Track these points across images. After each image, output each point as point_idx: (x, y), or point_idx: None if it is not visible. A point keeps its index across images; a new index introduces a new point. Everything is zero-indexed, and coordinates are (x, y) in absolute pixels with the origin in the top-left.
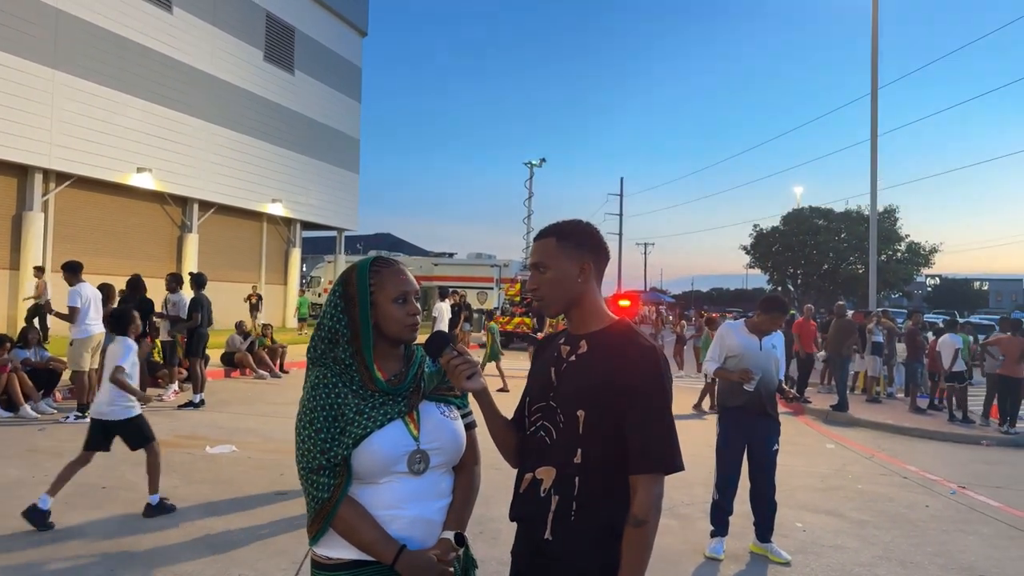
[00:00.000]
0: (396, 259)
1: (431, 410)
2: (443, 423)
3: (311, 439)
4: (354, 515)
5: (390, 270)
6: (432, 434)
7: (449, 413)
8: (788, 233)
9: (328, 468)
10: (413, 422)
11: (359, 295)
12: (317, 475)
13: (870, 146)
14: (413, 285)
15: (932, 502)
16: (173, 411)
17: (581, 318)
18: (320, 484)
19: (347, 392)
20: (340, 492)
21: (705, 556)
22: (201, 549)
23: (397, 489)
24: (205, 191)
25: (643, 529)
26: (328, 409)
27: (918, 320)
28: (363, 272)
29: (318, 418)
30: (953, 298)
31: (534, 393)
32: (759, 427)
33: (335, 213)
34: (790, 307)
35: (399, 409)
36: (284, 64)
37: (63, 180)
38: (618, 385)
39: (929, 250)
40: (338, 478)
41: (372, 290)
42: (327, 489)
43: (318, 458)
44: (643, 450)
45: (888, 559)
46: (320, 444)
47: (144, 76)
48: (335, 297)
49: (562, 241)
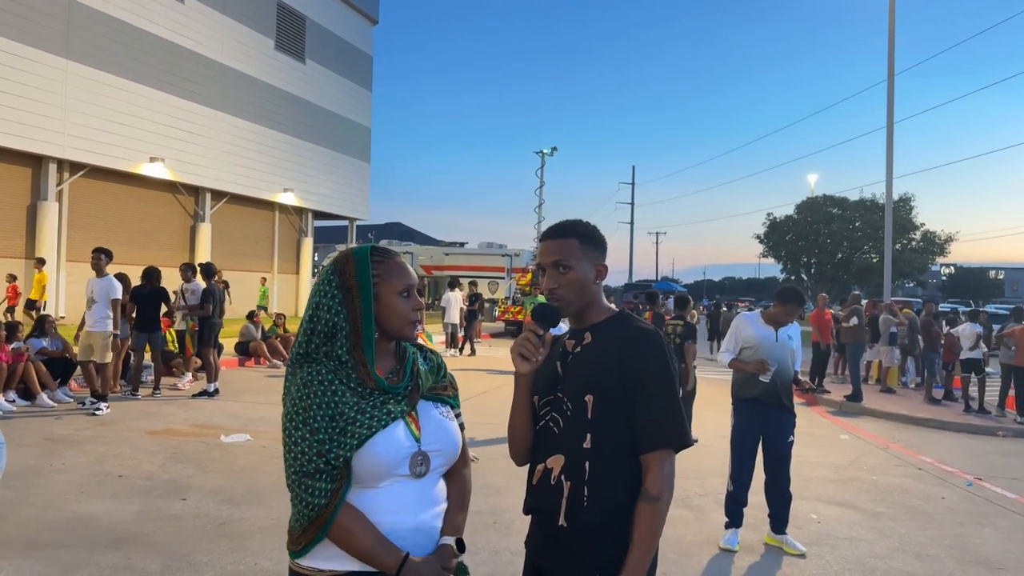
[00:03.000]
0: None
1: (429, 410)
2: (443, 424)
3: (306, 440)
4: (354, 522)
5: (394, 261)
6: (433, 435)
7: (446, 413)
8: (802, 222)
9: (326, 472)
10: (414, 422)
11: (360, 287)
12: (313, 480)
13: (886, 133)
14: (416, 278)
15: (948, 494)
16: (188, 400)
17: (587, 315)
18: (316, 490)
19: (345, 390)
20: (339, 497)
21: (719, 547)
22: (216, 538)
23: (397, 493)
24: (217, 180)
25: (656, 505)
26: (326, 408)
27: (932, 310)
28: (364, 262)
29: (314, 417)
30: (968, 287)
31: (541, 389)
32: (774, 418)
33: (346, 202)
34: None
35: (401, 409)
36: (295, 53)
37: (77, 170)
38: (625, 368)
39: (945, 239)
40: (336, 482)
41: (376, 282)
42: (324, 495)
43: (315, 461)
44: (653, 428)
45: (903, 551)
46: (317, 446)
47: (156, 66)
48: (331, 287)
49: (584, 243)
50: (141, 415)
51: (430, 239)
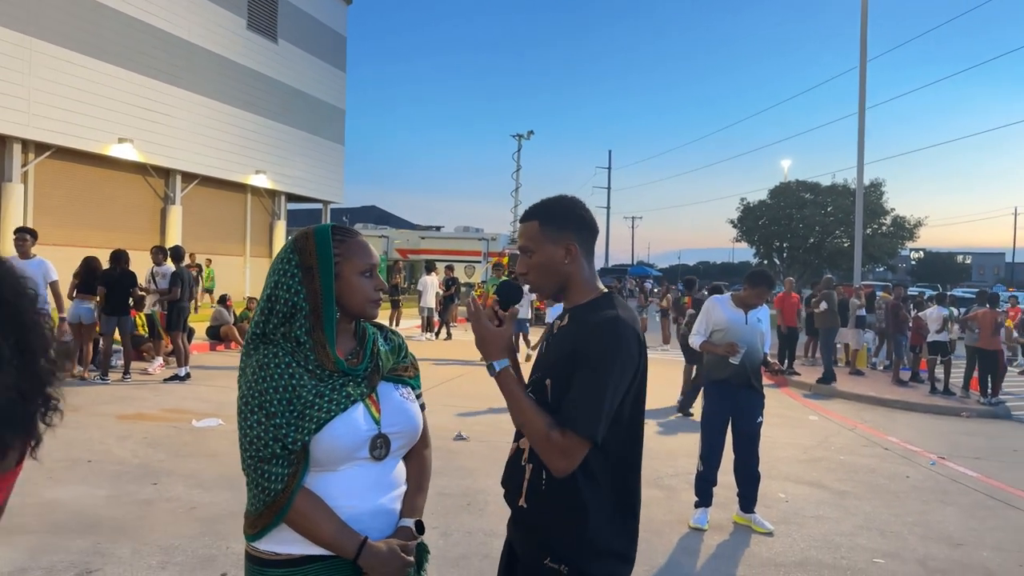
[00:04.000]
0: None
1: (390, 391)
2: (403, 405)
3: (261, 425)
4: (311, 507)
5: (356, 241)
6: (393, 417)
7: (407, 394)
8: (775, 207)
9: (283, 457)
10: (374, 405)
11: (320, 265)
12: (269, 465)
13: (858, 120)
14: (377, 258)
15: (912, 473)
16: (159, 384)
17: (572, 296)
18: (272, 475)
19: (303, 373)
20: (296, 482)
21: (689, 526)
22: (188, 522)
23: (356, 476)
24: (188, 162)
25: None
26: (283, 391)
27: (900, 293)
28: (325, 240)
29: (270, 401)
30: (936, 271)
31: (534, 367)
32: (744, 400)
33: (320, 185)
34: (776, 281)
35: (360, 391)
36: (267, 33)
37: (43, 151)
38: (576, 352)
39: (914, 224)
40: (293, 467)
41: (337, 260)
42: (280, 480)
43: (271, 446)
44: (567, 408)
45: (868, 528)
46: (274, 431)
47: (124, 44)
48: (290, 266)
49: (545, 224)
50: (111, 400)
51: (406, 223)
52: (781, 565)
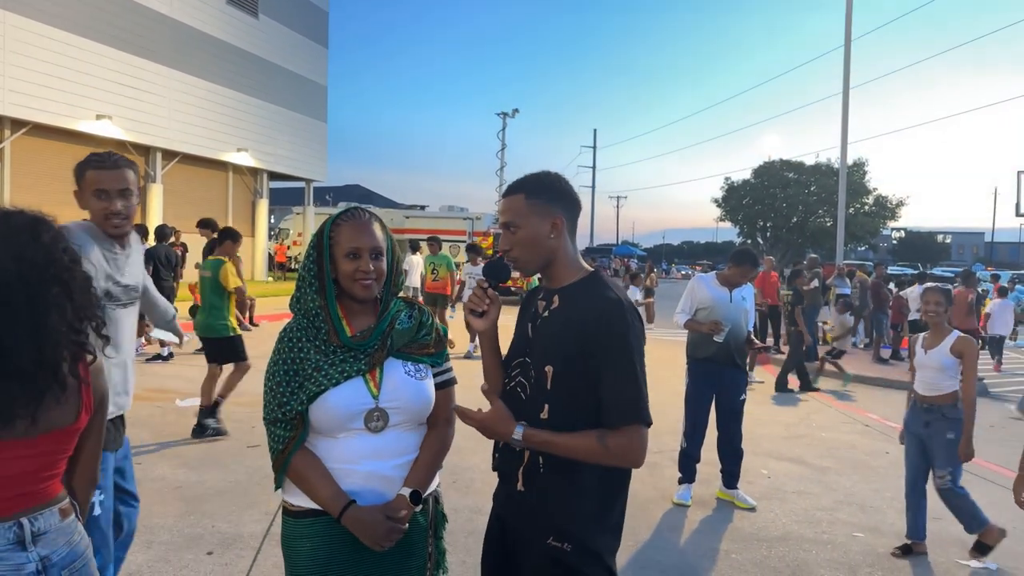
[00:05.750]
0: (368, 210)
1: (396, 368)
2: (406, 382)
3: (271, 392)
4: (306, 467)
5: (348, 224)
6: (392, 393)
7: (416, 373)
8: (759, 186)
9: (284, 421)
10: (374, 380)
11: (320, 248)
12: (275, 427)
13: (842, 99)
14: (370, 241)
15: (892, 449)
16: (142, 364)
17: (556, 273)
18: (276, 436)
19: (309, 347)
20: (294, 444)
21: (673, 502)
22: (172, 501)
23: (354, 445)
24: (168, 139)
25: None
26: (289, 364)
27: (881, 272)
28: (328, 224)
29: (278, 372)
30: (917, 251)
31: (513, 349)
32: (727, 377)
33: (303, 163)
34: (760, 260)
35: (359, 367)
36: (248, 7)
37: (19, 127)
38: (587, 339)
39: (896, 203)
40: (293, 431)
41: (330, 243)
42: (281, 441)
43: (276, 411)
44: (617, 405)
45: (848, 503)
46: (278, 398)
47: (101, 19)
48: (311, 248)
49: (531, 198)
50: None
51: (390, 202)
52: (763, 540)
